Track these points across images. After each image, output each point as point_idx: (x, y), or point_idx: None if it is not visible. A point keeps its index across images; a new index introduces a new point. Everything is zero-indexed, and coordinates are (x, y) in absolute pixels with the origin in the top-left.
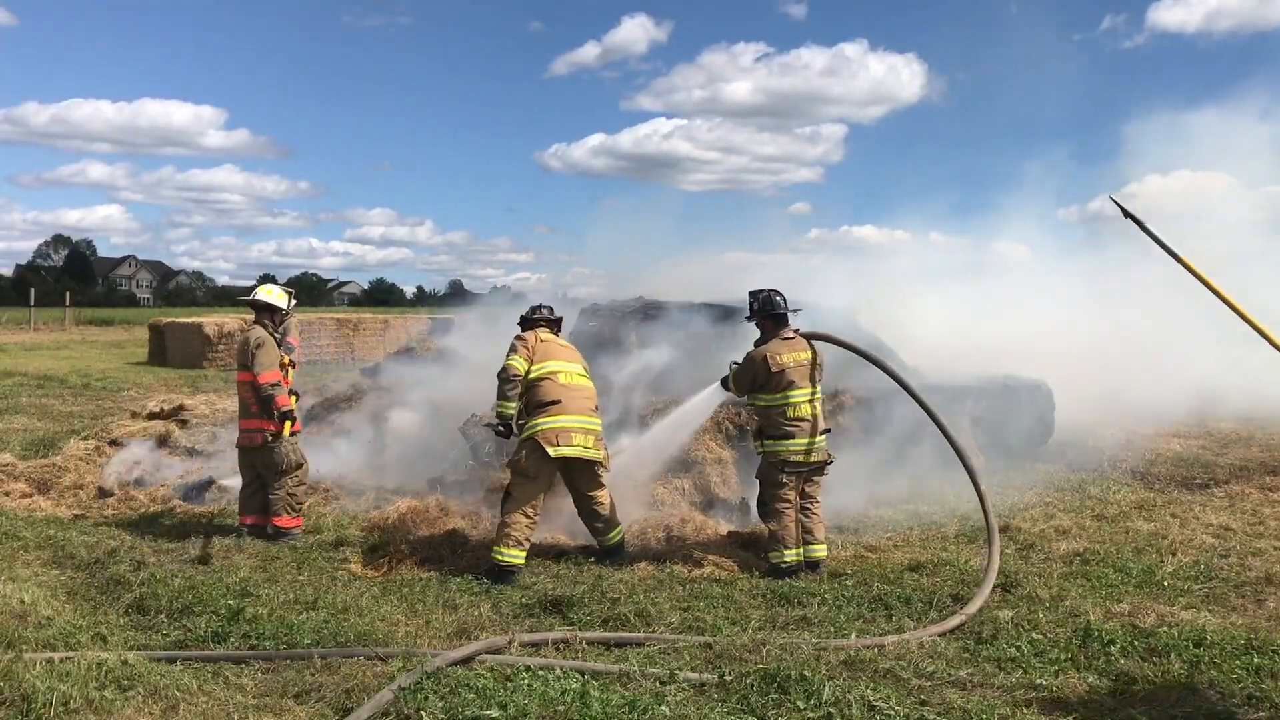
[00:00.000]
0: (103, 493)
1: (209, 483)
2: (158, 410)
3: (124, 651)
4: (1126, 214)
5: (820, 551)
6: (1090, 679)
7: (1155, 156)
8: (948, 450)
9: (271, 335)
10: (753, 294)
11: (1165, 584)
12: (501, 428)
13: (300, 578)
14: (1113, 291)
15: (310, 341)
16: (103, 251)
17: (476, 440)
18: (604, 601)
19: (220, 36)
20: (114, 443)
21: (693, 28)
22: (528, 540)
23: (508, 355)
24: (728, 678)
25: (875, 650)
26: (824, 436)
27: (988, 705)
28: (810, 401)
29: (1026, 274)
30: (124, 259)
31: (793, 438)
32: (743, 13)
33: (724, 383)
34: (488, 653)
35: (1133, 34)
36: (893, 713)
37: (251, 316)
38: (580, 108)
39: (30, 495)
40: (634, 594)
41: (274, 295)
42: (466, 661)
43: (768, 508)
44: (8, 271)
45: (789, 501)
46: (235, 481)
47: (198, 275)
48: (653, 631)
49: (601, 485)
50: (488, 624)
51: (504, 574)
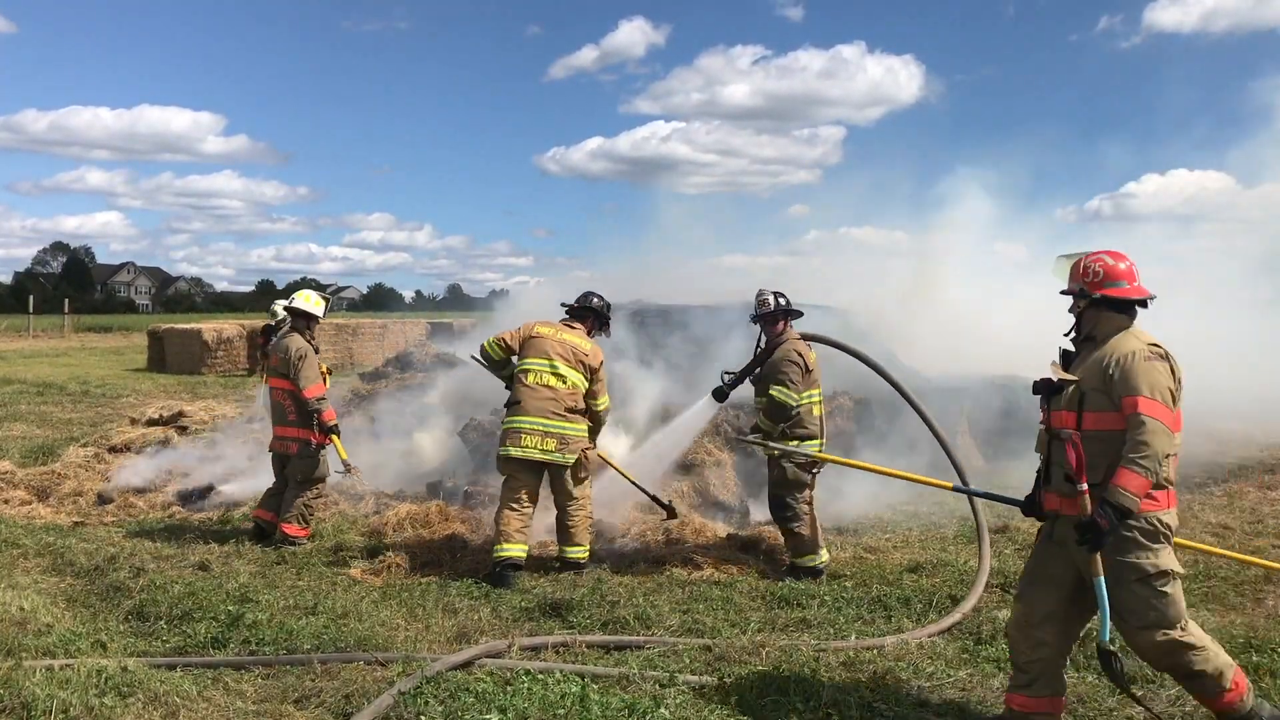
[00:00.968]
0: (102, 499)
1: (208, 488)
2: (157, 416)
3: (124, 658)
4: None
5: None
6: (1089, 679)
7: (1152, 156)
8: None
9: (310, 343)
10: (774, 293)
11: None
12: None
13: (300, 583)
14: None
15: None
16: (101, 258)
17: (475, 444)
18: (603, 605)
19: (219, 42)
20: (113, 449)
21: (690, 31)
22: (520, 533)
23: None
24: (727, 680)
25: (874, 651)
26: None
27: (987, 705)
28: (821, 401)
29: (1025, 274)
30: (122, 265)
31: (816, 437)
32: (740, 16)
33: (716, 394)
34: (487, 657)
35: (1129, 34)
36: (892, 714)
37: (247, 323)
38: (578, 111)
39: (30, 502)
40: (633, 597)
41: (311, 302)
42: (466, 665)
43: (792, 510)
44: (6, 279)
45: (811, 503)
46: (234, 487)
47: (196, 281)
48: (652, 634)
49: (572, 496)
50: (487, 628)
51: (501, 573)
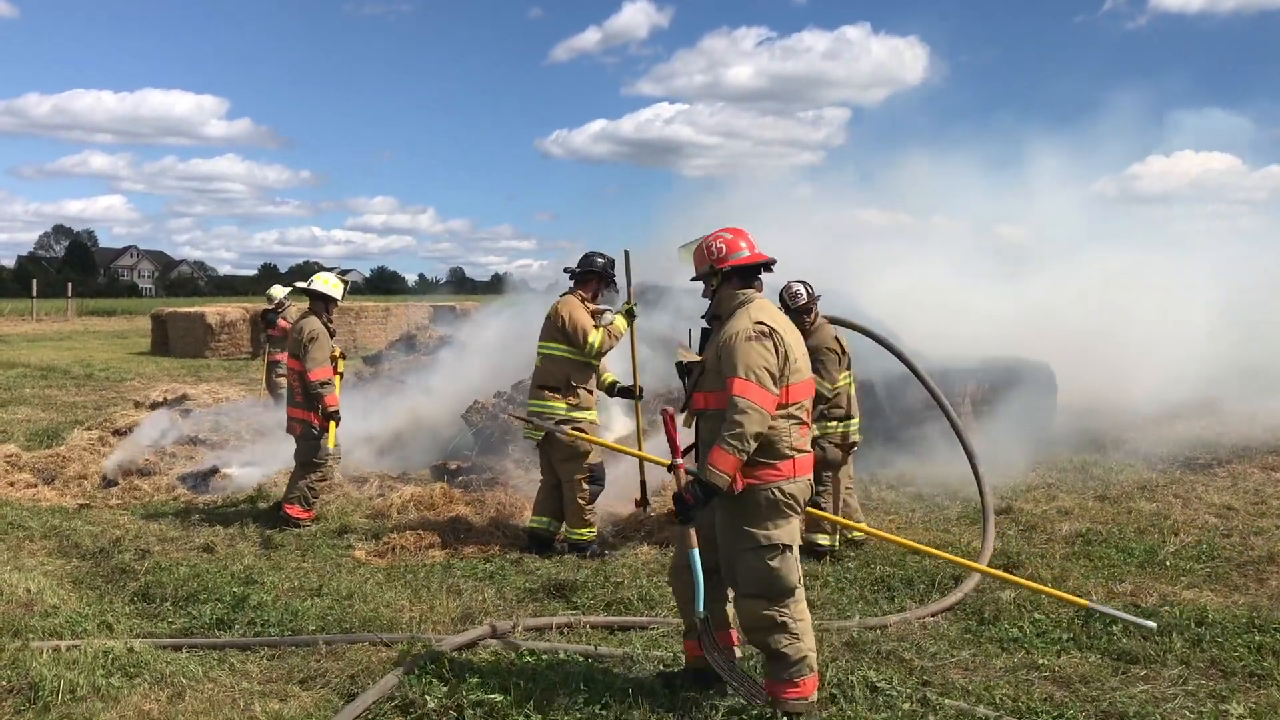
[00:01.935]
0: (107, 482)
1: (212, 471)
2: (161, 400)
3: (130, 639)
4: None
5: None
6: (1092, 658)
7: (1157, 138)
8: (946, 436)
9: (326, 326)
10: (801, 283)
11: (1167, 564)
12: None
13: (305, 565)
14: (1116, 273)
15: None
16: (104, 242)
17: (479, 427)
18: (607, 585)
19: (222, 26)
20: (118, 432)
21: (693, 12)
22: (542, 504)
23: None
24: None
25: (878, 631)
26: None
27: (990, 685)
28: (851, 383)
29: (1029, 255)
30: (125, 249)
31: (852, 418)
32: None
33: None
34: (492, 637)
35: (1135, 15)
36: (895, 693)
37: (250, 306)
38: (581, 94)
39: (35, 485)
40: (637, 578)
41: (330, 285)
42: (471, 646)
43: (825, 488)
44: (10, 263)
45: (838, 483)
46: (239, 470)
47: (199, 265)
48: (656, 615)
49: (559, 475)
50: (491, 609)
51: (529, 539)
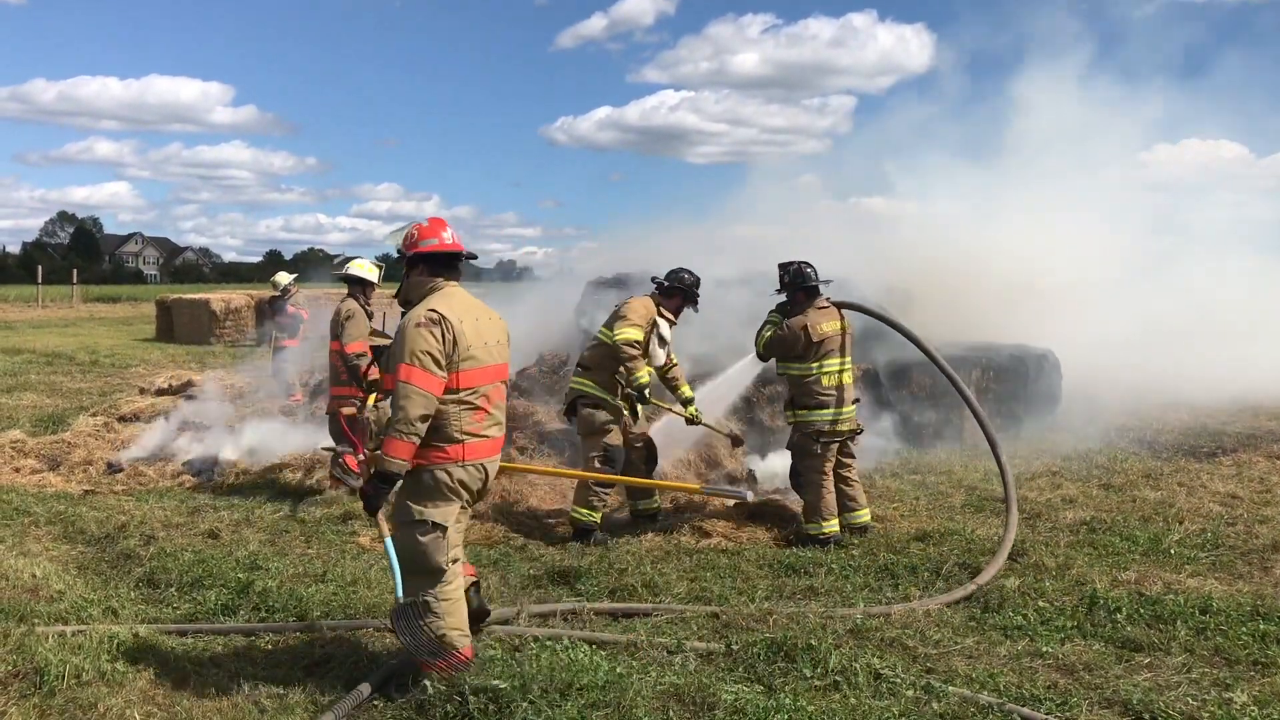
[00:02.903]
0: (112, 468)
1: (217, 458)
2: (166, 386)
3: (135, 625)
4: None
5: (864, 517)
6: (1096, 646)
7: (1164, 125)
8: (954, 420)
9: (363, 308)
10: (783, 266)
11: (1172, 552)
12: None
13: (309, 551)
14: (1122, 263)
15: (316, 316)
16: (109, 229)
17: None
18: (611, 572)
19: (227, 13)
20: (123, 419)
21: None
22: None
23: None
24: (735, 647)
25: (882, 619)
26: (854, 406)
27: (994, 673)
28: (843, 371)
29: (1035, 244)
30: (130, 236)
31: (826, 407)
32: None
33: (760, 354)
34: (496, 624)
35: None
36: (899, 680)
37: (255, 293)
38: (587, 81)
39: (40, 471)
40: (641, 565)
41: (365, 269)
42: (475, 633)
43: (803, 479)
44: (15, 250)
45: (825, 473)
46: (243, 455)
47: (204, 252)
48: (660, 602)
49: (582, 452)
50: (496, 595)
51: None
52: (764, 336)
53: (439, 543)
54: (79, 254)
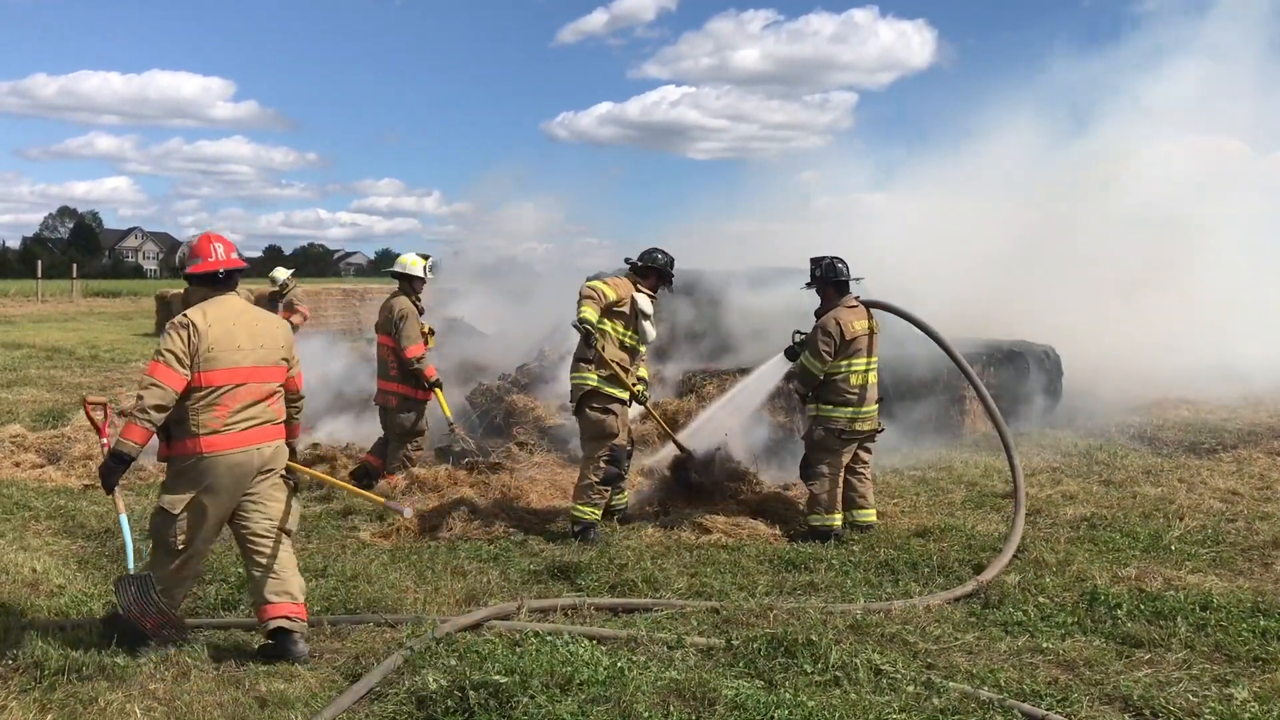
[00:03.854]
0: None
1: None
2: None
3: None
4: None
5: (869, 516)
6: (1097, 642)
7: (1163, 121)
8: (954, 416)
9: (414, 305)
10: (815, 260)
11: (1172, 548)
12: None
13: (309, 546)
14: (1122, 260)
15: (317, 312)
16: (109, 224)
17: (484, 409)
18: (611, 568)
19: (229, 8)
20: (123, 414)
21: None
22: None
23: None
24: (735, 642)
25: (882, 615)
26: (875, 406)
27: (994, 669)
28: (869, 371)
29: (1036, 241)
30: (130, 230)
31: (851, 405)
32: None
33: (787, 354)
34: (496, 619)
35: None
36: (899, 676)
37: (255, 288)
38: (588, 76)
39: (40, 466)
40: (641, 560)
41: (415, 266)
42: (475, 627)
43: (813, 469)
44: (15, 245)
45: (837, 468)
46: None
47: None
48: (660, 597)
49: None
50: (496, 590)
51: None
52: (795, 339)
53: (171, 525)
54: (79, 249)
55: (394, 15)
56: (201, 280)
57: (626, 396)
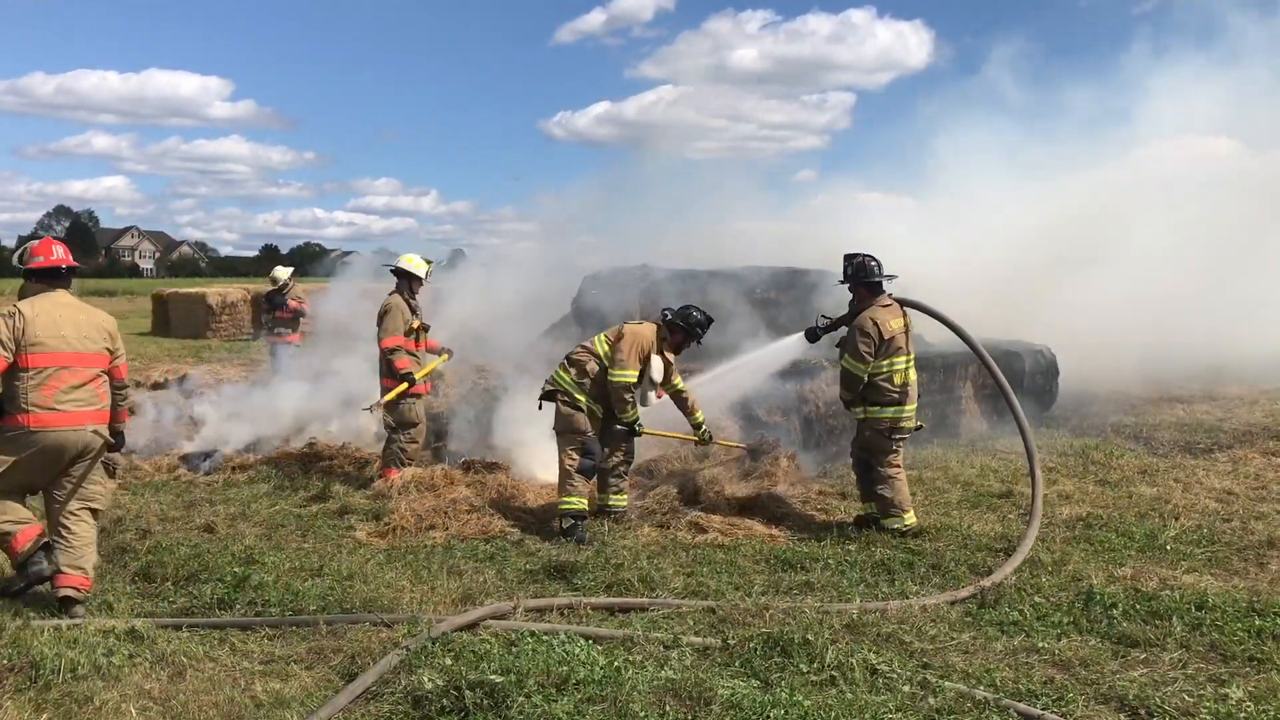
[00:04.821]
0: (107, 462)
1: (213, 451)
2: (162, 380)
3: (131, 618)
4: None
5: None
6: (1092, 642)
7: (1160, 121)
8: (950, 417)
9: (407, 302)
10: (848, 258)
11: (1168, 548)
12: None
13: (305, 545)
14: (1121, 260)
15: (318, 313)
16: (106, 222)
17: (480, 409)
18: (608, 567)
19: (227, 7)
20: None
21: None
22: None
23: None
24: (731, 642)
25: (878, 614)
26: (915, 404)
27: (990, 668)
28: (908, 368)
29: (1031, 240)
30: (126, 229)
31: (900, 404)
32: None
33: (808, 335)
34: (492, 618)
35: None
36: (895, 675)
37: (252, 287)
38: (585, 76)
39: None
40: (637, 560)
41: (414, 264)
42: (471, 627)
43: (878, 473)
44: (11, 243)
45: (899, 466)
46: (239, 449)
47: (201, 246)
48: (656, 597)
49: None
50: (492, 590)
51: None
52: (820, 323)
53: None
54: (75, 248)
55: (392, 14)
56: (40, 276)
57: (593, 408)
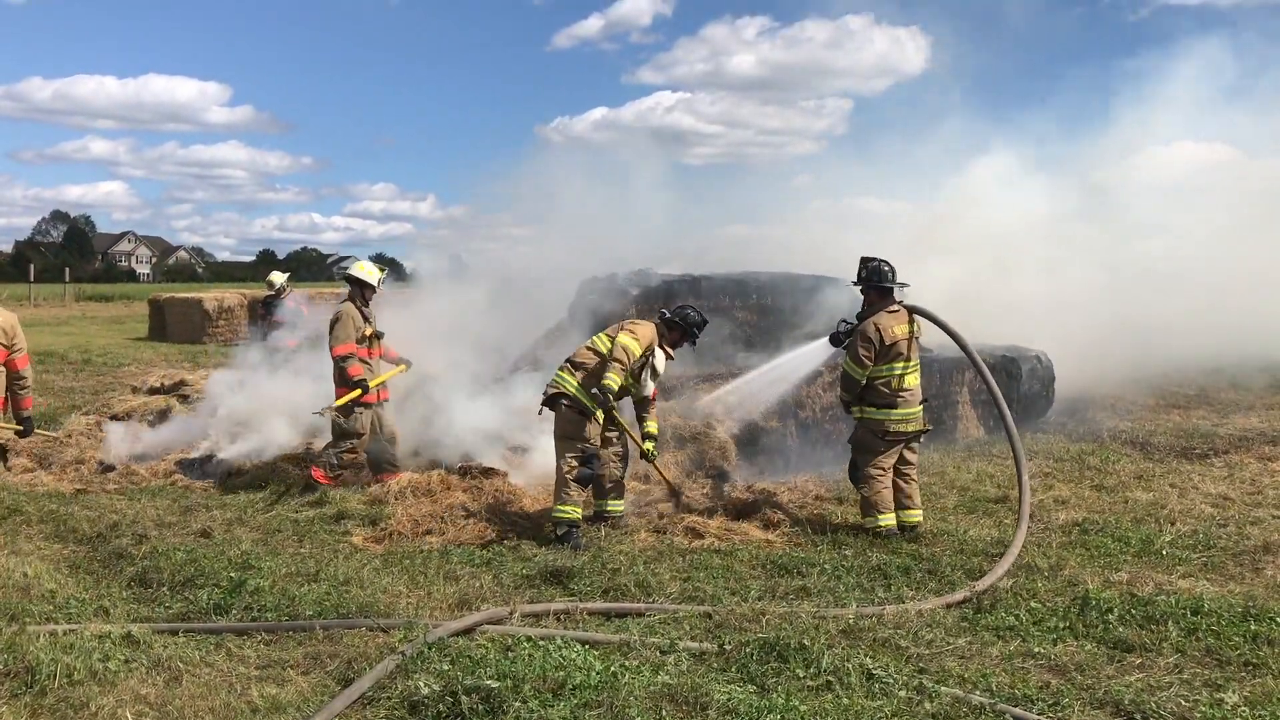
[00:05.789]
0: (104, 467)
1: (209, 457)
2: (158, 385)
3: (127, 624)
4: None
5: (916, 516)
6: (1088, 647)
7: (1156, 128)
8: (946, 422)
9: (359, 310)
10: (863, 261)
11: (1164, 553)
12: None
13: (302, 550)
14: (1114, 264)
15: (311, 316)
16: (103, 228)
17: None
18: (604, 572)
19: (225, 12)
20: (115, 418)
21: (696, 0)
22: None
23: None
24: (728, 647)
25: (874, 619)
26: (921, 406)
27: (986, 673)
28: (908, 373)
29: (1027, 246)
30: (123, 234)
31: (896, 407)
32: None
33: (832, 339)
34: (489, 623)
35: (1137, 7)
36: (891, 680)
37: (248, 292)
38: (582, 82)
39: (32, 470)
40: (634, 565)
41: (365, 271)
42: (468, 632)
43: (860, 472)
44: (7, 248)
45: (884, 469)
46: (235, 455)
47: (198, 251)
48: (653, 602)
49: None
50: (489, 595)
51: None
52: (841, 328)
53: None
54: (71, 253)
55: (390, 19)
56: None
57: (599, 414)
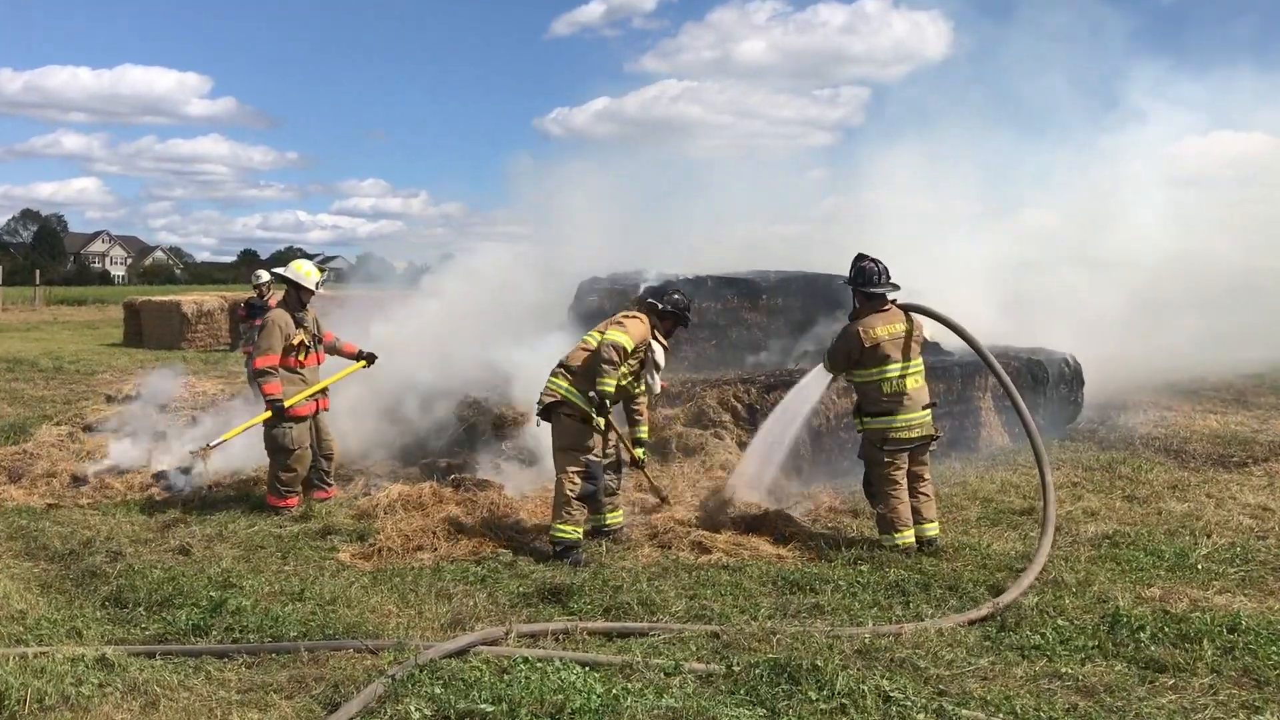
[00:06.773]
0: (76, 481)
1: (187, 469)
2: (134, 394)
3: (101, 646)
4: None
5: (932, 530)
6: (1119, 667)
7: (1192, 118)
8: (969, 430)
9: (293, 315)
10: (853, 261)
11: (1199, 567)
12: None
13: (286, 568)
14: (1146, 264)
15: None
16: (76, 227)
17: (471, 422)
18: (605, 590)
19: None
20: (88, 428)
21: None
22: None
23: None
24: (736, 668)
25: (892, 638)
26: (927, 411)
27: (1010, 695)
28: (905, 375)
29: (1057, 242)
30: (96, 234)
31: (891, 413)
32: None
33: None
34: (483, 644)
35: None
36: (909, 704)
37: (229, 294)
38: (582, 70)
39: (1, 484)
40: (637, 582)
41: (307, 276)
42: (461, 654)
43: (874, 489)
44: None
45: (897, 482)
46: (214, 467)
47: (175, 251)
48: (657, 620)
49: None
50: (483, 614)
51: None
52: (830, 351)
53: None
54: (42, 254)
55: (380, 7)
56: None
57: (600, 420)
